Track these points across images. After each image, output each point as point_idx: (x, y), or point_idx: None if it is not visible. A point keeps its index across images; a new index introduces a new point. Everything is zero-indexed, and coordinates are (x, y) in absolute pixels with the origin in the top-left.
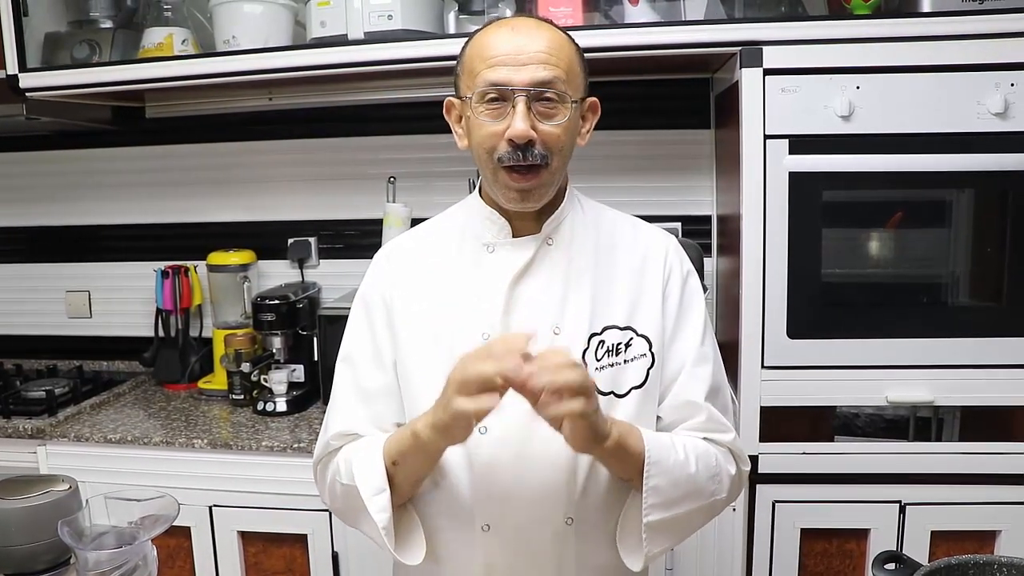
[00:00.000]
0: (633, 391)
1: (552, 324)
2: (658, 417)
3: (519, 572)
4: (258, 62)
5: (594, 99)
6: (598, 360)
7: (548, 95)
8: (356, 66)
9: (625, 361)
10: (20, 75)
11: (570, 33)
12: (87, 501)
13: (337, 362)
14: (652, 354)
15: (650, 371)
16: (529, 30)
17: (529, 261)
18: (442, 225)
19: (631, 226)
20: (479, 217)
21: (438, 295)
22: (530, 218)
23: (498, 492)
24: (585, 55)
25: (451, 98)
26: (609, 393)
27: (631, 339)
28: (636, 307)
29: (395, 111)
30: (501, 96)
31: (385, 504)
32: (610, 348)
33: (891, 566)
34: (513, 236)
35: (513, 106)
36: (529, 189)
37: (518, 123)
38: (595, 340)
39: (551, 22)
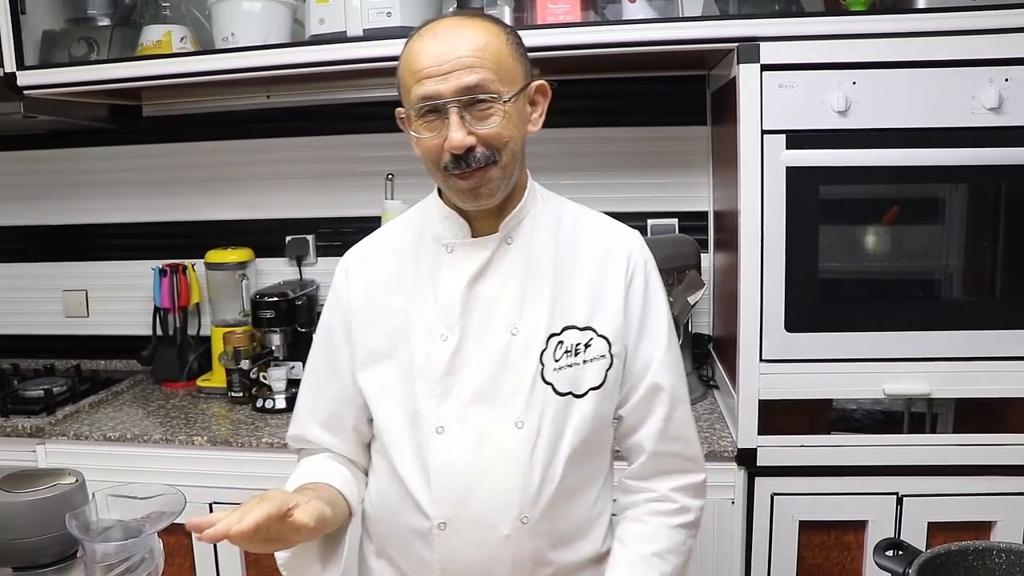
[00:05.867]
0: (591, 392)
1: (509, 325)
2: (620, 417)
3: (474, 570)
4: (257, 59)
5: (541, 82)
6: (556, 361)
7: (480, 98)
8: (355, 63)
9: (584, 362)
10: (17, 73)
11: (501, 21)
12: (93, 495)
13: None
14: (611, 355)
15: (608, 372)
16: (450, 33)
17: (486, 261)
18: (402, 227)
19: (594, 222)
20: (438, 217)
21: (398, 298)
22: (490, 217)
23: (454, 491)
24: (582, 51)
25: (400, 109)
26: (567, 394)
27: (591, 339)
28: (597, 307)
29: (393, 108)
30: (434, 108)
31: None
32: (569, 348)
33: (891, 553)
34: (473, 236)
35: (447, 117)
36: (479, 186)
37: (453, 135)
38: (554, 340)
39: (481, 13)
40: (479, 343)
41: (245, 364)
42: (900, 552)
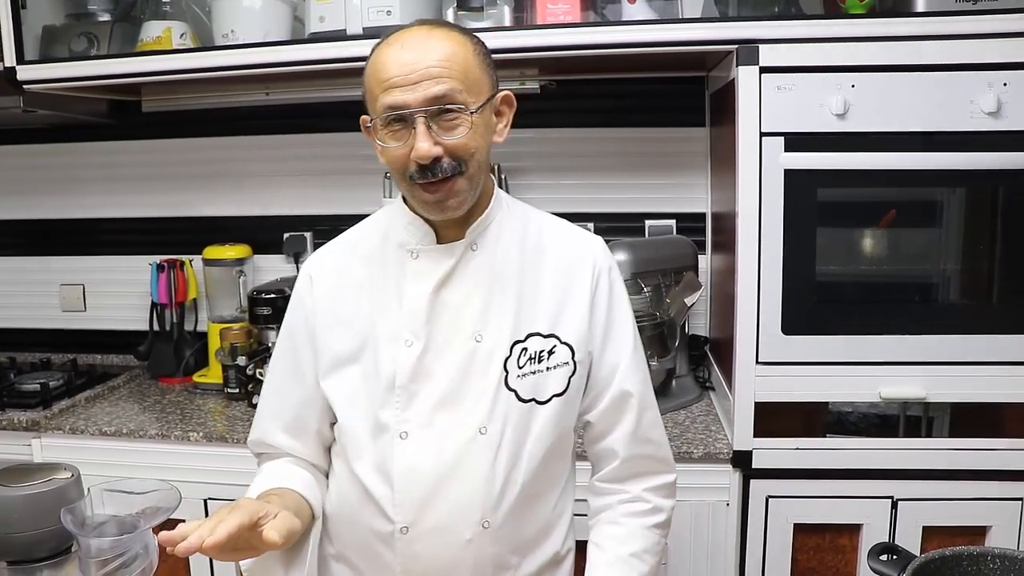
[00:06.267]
0: (554, 399)
1: (474, 332)
2: (589, 422)
3: (436, 574)
4: (256, 56)
5: (507, 93)
6: (520, 368)
7: (447, 108)
8: (354, 61)
9: (548, 369)
10: (18, 67)
11: (469, 30)
12: (88, 490)
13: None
14: (575, 362)
15: (571, 379)
16: (418, 43)
17: (452, 268)
18: (366, 232)
19: (558, 230)
20: (403, 223)
21: (363, 304)
22: (455, 224)
23: (417, 496)
24: (581, 52)
25: (365, 117)
26: (530, 400)
27: (554, 347)
28: (561, 314)
29: None
30: (401, 118)
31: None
32: (532, 356)
33: (886, 557)
34: (438, 242)
35: (414, 127)
36: (445, 199)
37: (420, 145)
38: (518, 347)
39: (448, 23)
40: (444, 349)
41: (241, 360)
42: (895, 556)
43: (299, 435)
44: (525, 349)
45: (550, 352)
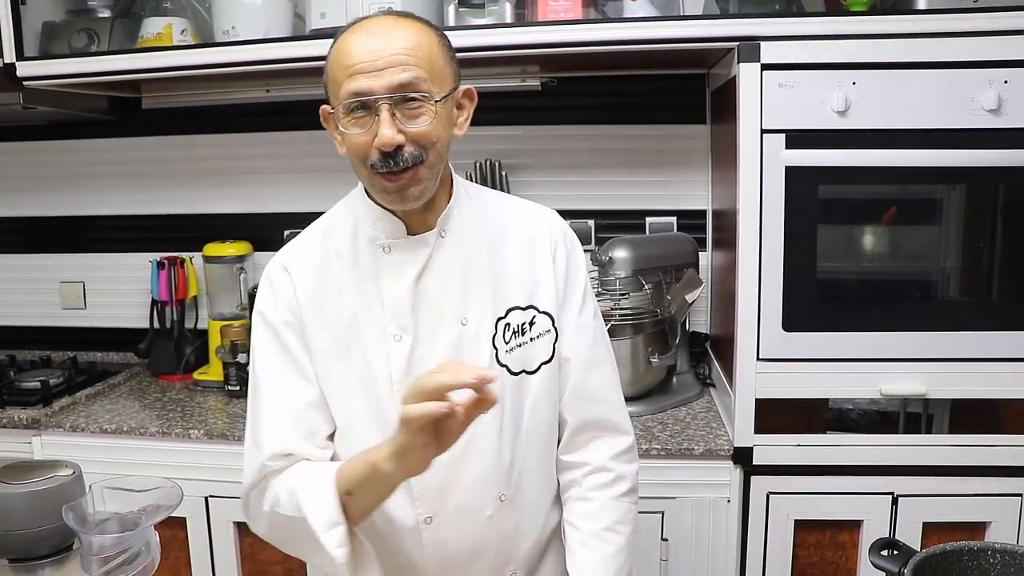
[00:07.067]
0: (543, 366)
1: (459, 316)
2: None
3: (463, 555)
4: (257, 53)
5: (469, 88)
6: (507, 343)
7: (411, 96)
8: None
9: (532, 339)
10: (17, 63)
11: (433, 24)
12: (90, 487)
13: (254, 385)
14: (555, 328)
15: (555, 345)
16: (384, 31)
17: (428, 258)
18: (332, 228)
19: (515, 207)
20: (369, 218)
21: (344, 302)
22: (421, 214)
23: (435, 484)
24: (582, 49)
25: (326, 107)
26: (521, 372)
27: (534, 317)
28: (534, 285)
29: None
30: (364, 105)
31: (342, 539)
32: (516, 329)
33: (886, 553)
34: (408, 234)
35: (377, 114)
36: (407, 187)
37: (384, 131)
38: (501, 324)
39: (413, 15)
40: (432, 338)
41: (242, 358)
42: (895, 552)
43: (315, 438)
44: (508, 324)
45: (531, 323)
